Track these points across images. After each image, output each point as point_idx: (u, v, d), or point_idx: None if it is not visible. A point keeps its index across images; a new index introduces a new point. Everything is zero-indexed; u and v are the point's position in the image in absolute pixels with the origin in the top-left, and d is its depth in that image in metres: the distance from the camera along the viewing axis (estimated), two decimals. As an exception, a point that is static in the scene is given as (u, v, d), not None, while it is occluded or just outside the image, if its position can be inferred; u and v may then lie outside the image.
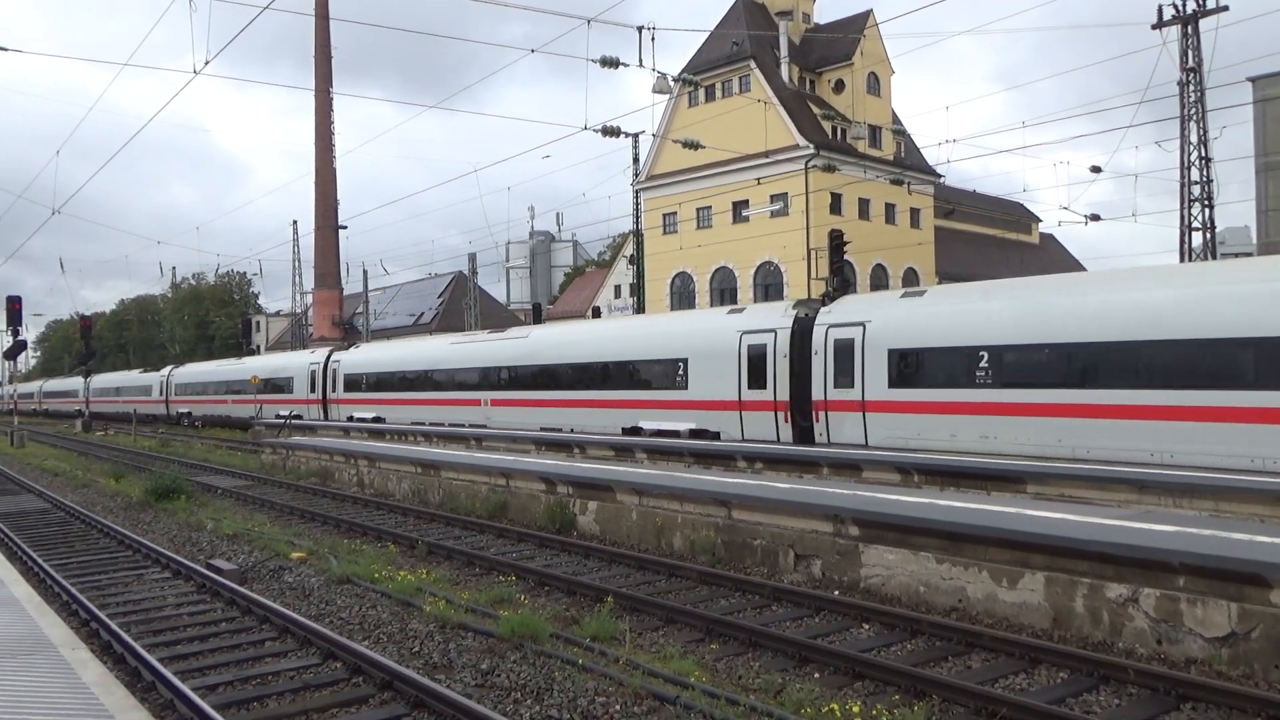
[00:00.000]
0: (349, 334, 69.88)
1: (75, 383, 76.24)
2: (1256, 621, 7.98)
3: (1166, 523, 10.28)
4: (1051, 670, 8.26)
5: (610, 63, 23.36)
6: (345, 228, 71.34)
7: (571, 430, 26.75)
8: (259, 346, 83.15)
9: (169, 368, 64.70)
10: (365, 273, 64.15)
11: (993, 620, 9.66)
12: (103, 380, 75.37)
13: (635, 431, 25.37)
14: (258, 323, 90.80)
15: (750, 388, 22.64)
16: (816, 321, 21.53)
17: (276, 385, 46.31)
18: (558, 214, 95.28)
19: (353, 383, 40.45)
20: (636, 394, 25.88)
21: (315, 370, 43.28)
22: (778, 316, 22.68)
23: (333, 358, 42.50)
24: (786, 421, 21.93)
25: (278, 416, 42.36)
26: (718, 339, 23.58)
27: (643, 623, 10.19)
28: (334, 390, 41.69)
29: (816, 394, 21.16)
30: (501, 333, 34.23)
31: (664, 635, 9.80)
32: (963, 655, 8.83)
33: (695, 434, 23.84)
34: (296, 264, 78.20)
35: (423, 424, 33.21)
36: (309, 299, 75.66)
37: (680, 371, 24.48)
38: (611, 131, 28.84)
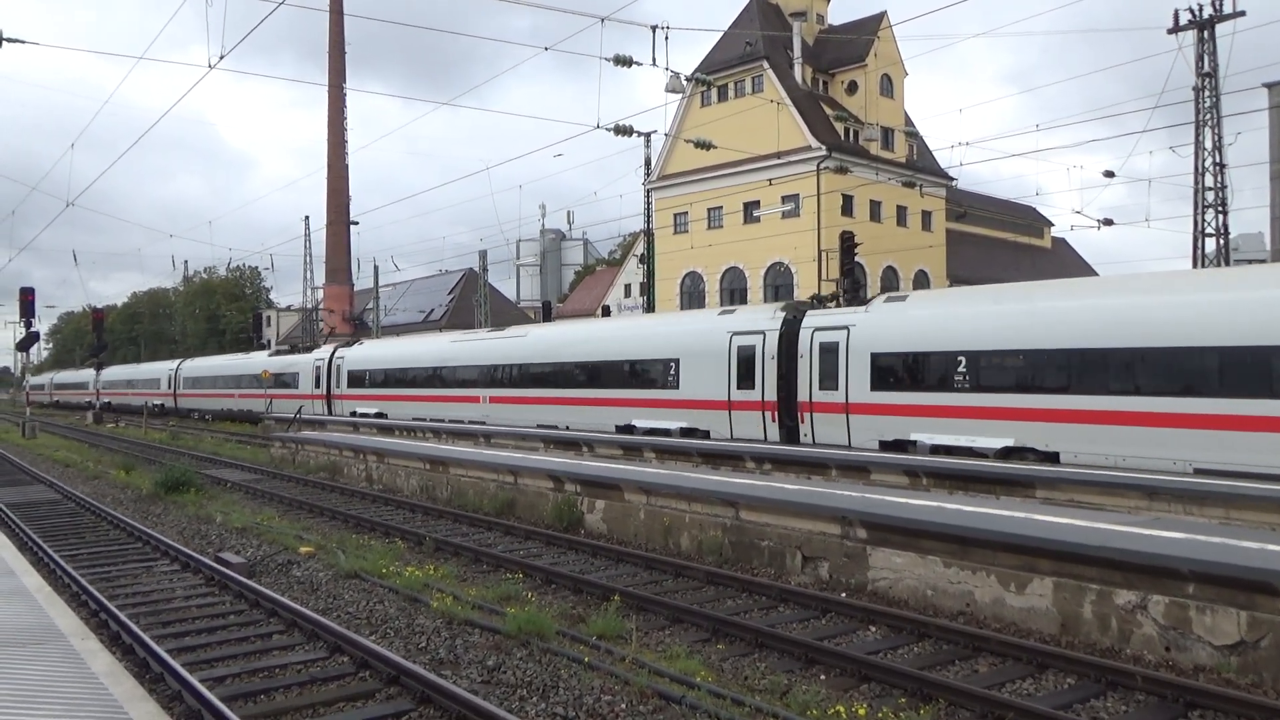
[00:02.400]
0: (359, 329, 70.04)
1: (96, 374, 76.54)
2: (1266, 630, 7.94)
3: (1176, 530, 10.23)
4: (1059, 675, 8.24)
5: (624, 61, 23.35)
6: (357, 223, 71.54)
7: (567, 427, 27.07)
8: (270, 341, 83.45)
9: (177, 361, 65.13)
10: (376, 268, 64.28)
11: (1000, 625, 9.64)
12: (113, 373, 75.89)
13: (629, 429, 25.71)
14: (268, 317, 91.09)
15: (739, 388, 23.07)
16: (803, 325, 21.90)
17: (283, 380, 46.78)
18: (569, 212, 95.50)
19: (356, 379, 41.08)
20: (630, 393, 26.28)
21: (320, 366, 43.80)
22: (766, 319, 23.01)
23: (337, 354, 43.05)
24: (774, 421, 22.38)
25: (269, 412, 43.60)
26: (709, 340, 23.99)
27: (649, 622, 10.19)
28: (338, 386, 42.31)
29: (802, 395, 21.61)
30: (501, 332, 34.82)
31: (670, 635, 9.80)
32: (970, 659, 8.80)
33: (686, 432, 24.31)
34: (308, 259, 78.41)
35: (424, 420, 33.57)
36: (320, 294, 75.86)
37: (672, 371, 24.94)
38: (624, 130, 28.81)
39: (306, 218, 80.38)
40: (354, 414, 39.86)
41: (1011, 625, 9.59)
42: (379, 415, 37.85)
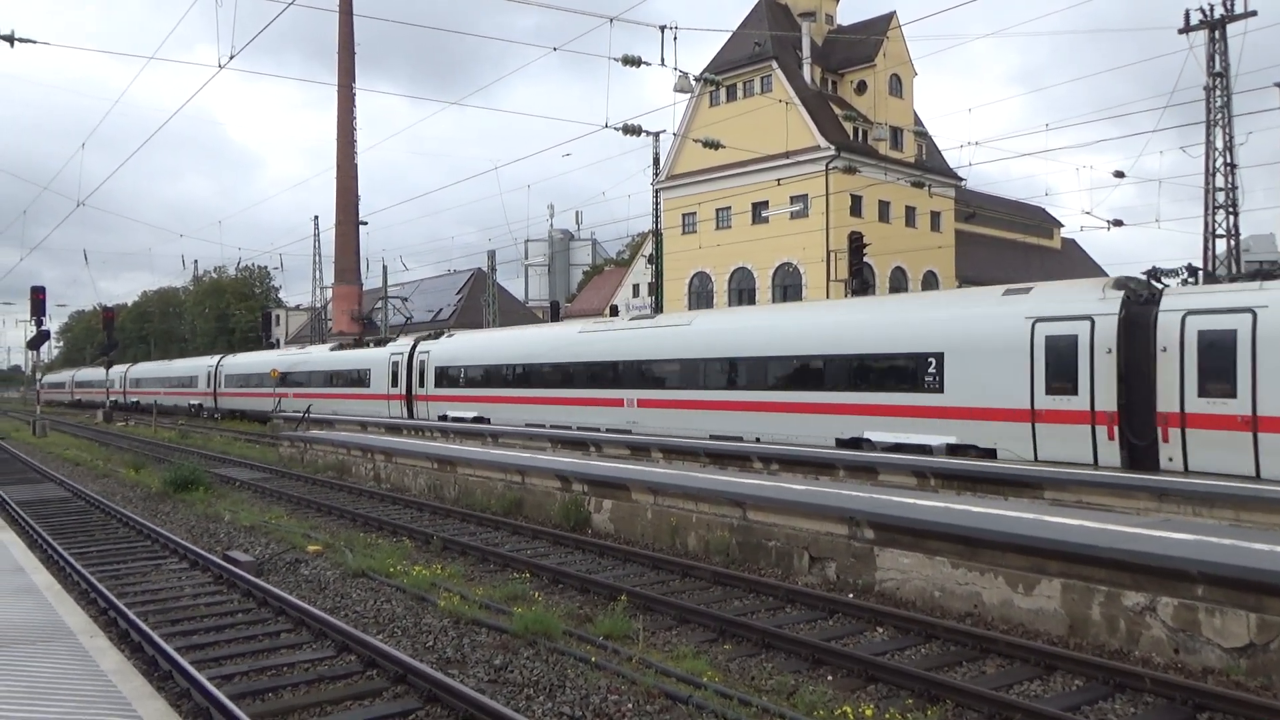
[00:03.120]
0: (367, 329, 70.17)
1: (138, 369, 74.93)
2: (1276, 633, 7.90)
3: (1185, 531, 10.19)
4: (1067, 677, 8.21)
5: (632, 61, 23.36)
6: (366, 224, 71.68)
7: (758, 439, 22.78)
8: (279, 340, 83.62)
9: (216, 357, 59.87)
10: (385, 268, 64.38)
11: (1008, 626, 9.61)
12: (143, 370, 74.57)
13: (857, 444, 20.57)
14: (277, 316, 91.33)
15: (1049, 393, 17.57)
16: (1163, 307, 16.51)
17: (349, 379, 41.80)
18: (577, 212, 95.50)
19: (449, 377, 35.52)
20: (862, 397, 20.85)
21: (399, 362, 38.31)
22: (1094, 299, 17.41)
23: (419, 348, 37.59)
24: (1111, 439, 16.82)
25: (308, 412, 39.57)
26: (995, 327, 18.54)
27: (656, 622, 10.19)
28: (422, 385, 36.88)
29: (1166, 404, 16.22)
30: (651, 319, 28.97)
31: (677, 635, 9.80)
32: (977, 660, 8.78)
33: (955, 450, 18.81)
34: (317, 259, 78.60)
35: (542, 426, 28.99)
36: (328, 293, 76.04)
37: (932, 369, 19.42)
38: (632, 130, 28.86)
39: (316, 218, 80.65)
40: (444, 418, 34.77)
41: (1019, 627, 9.56)
42: (478, 420, 32.93)
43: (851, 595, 10.94)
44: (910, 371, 19.79)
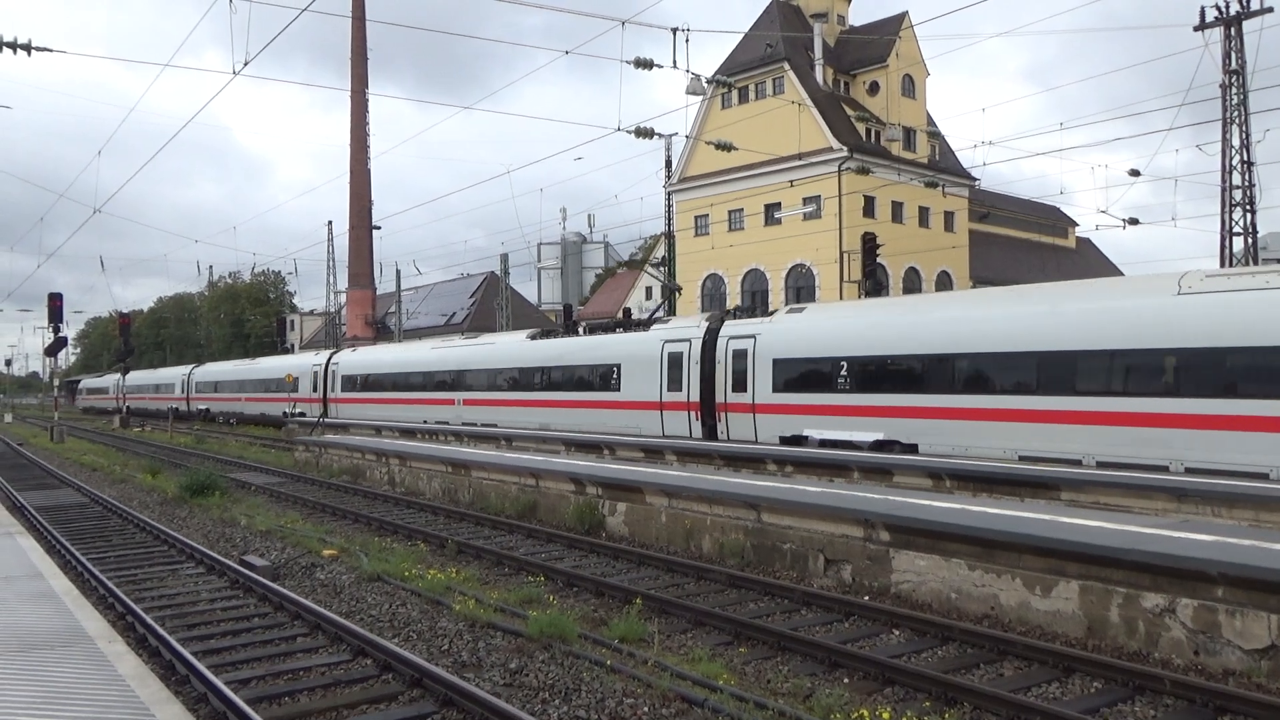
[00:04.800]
0: (381, 333, 70.38)
1: (156, 376, 77.24)
2: (1298, 634, 7.81)
3: (1205, 532, 10.10)
4: (1085, 680, 8.15)
5: (644, 64, 23.33)
6: (379, 228, 71.97)
7: (543, 428, 29.48)
8: (293, 345, 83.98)
9: (190, 367, 69.19)
10: (398, 272, 64.74)
11: (1025, 628, 9.55)
12: (138, 377, 77.26)
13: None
14: (292, 321, 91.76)
15: (669, 390, 25.69)
16: (721, 333, 24.38)
17: (273, 385, 50.41)
18: (589, 215, 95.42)
19: (348, 382, 44.07)
20: (578, 395, 29.47)
21: (318, 370, 46.74)
22: (693, 327, 25.69)
23: (333, 359, 46.09)
24: (697, 419, 24.87)
25: (285, 414, 47.81)
26: (645, 349, 26.73)
27: (671, 625, 10.17)
28: (333, 389, 45.22)
29: (719, 397, 24.11)
30: (475, 339, 38.16)
31: (692, 638, 9.78)
32: (995, 663, 8.72)
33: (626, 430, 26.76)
34: (331, 263, 78.93)
35: (402, 422, 36.41)
36: (343, 298, 76.33)
37: (615, 376, 27.80)
38: (645, 133, 28.78)
39: (330, 222, 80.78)
40: (325, 415, 43.68)
41: (1037, 629, 9.50)
42: (366, 416, 40.89)
43: (867, 598, 10.89)
44: (604, 377, 28.18)
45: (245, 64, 18.84)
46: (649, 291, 67.70)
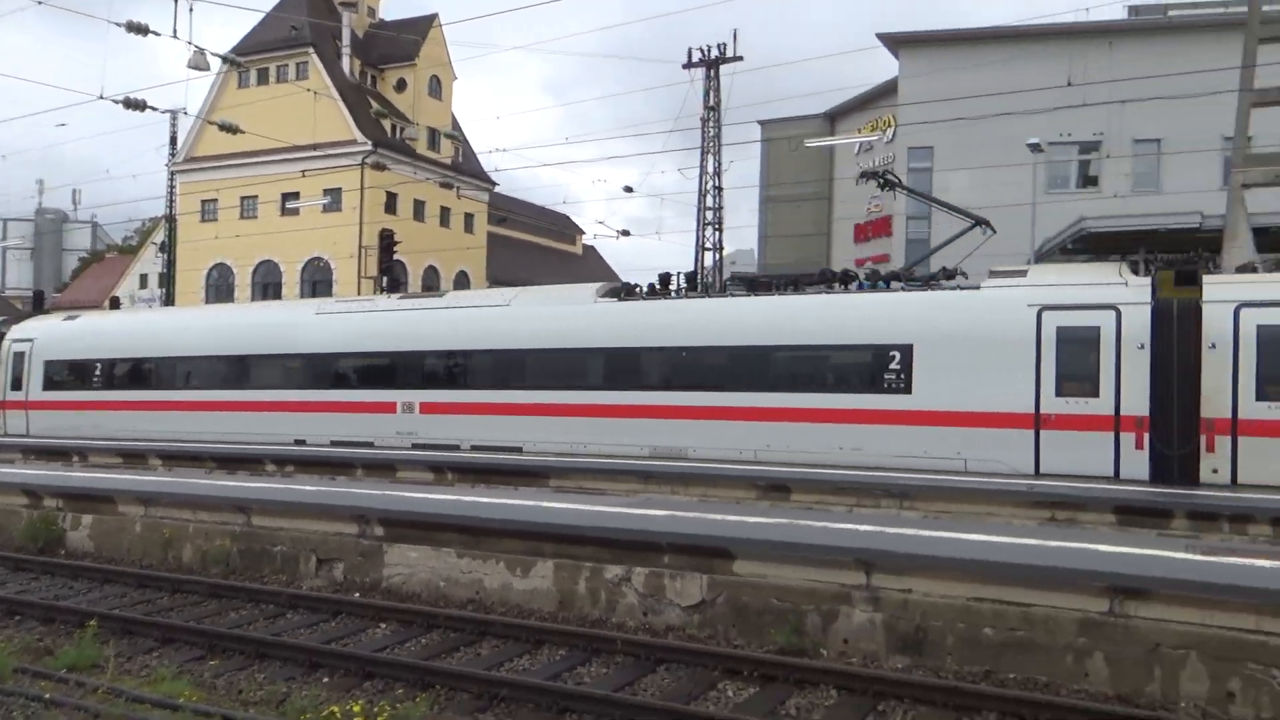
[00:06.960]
0: None
1: None
2: (721, 589, 9.18)
3: (661, 508, 11.49)
4: (553, 649, 8.81)
5: (138, 29, 20.98)
6: None
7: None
8: None
9: None
10: None
11: (506, 608, 10.08)
12: None
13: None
14: None
15: (1060, 394, 15.94)
16: (1207, 298, 15.24)
17: None
18: (74, 190, 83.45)
19: (60, 374, 26.31)
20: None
21: None
22: (1115, 285, 15.82)
23: (11, 333, 27.63)
24: (1138, 448, 15.57)
25: None
26: (984, 319, 16.48)
27: (135, 645, 9.19)
28: (17, 389, 26.69)
29: (1211, 410, 15.17)
30: (415, 299, 23.88)
31: (158, 657, 8.91)
32: (475, 644, 9.08)
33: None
34: None
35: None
36: None
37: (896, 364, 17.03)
38: (135, 104, 25.76)
39: None
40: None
41: (516, 607, 10.08)
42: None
43: (358, 594, 10.76)
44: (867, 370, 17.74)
45: None
46: (144, 279, 60.80)
